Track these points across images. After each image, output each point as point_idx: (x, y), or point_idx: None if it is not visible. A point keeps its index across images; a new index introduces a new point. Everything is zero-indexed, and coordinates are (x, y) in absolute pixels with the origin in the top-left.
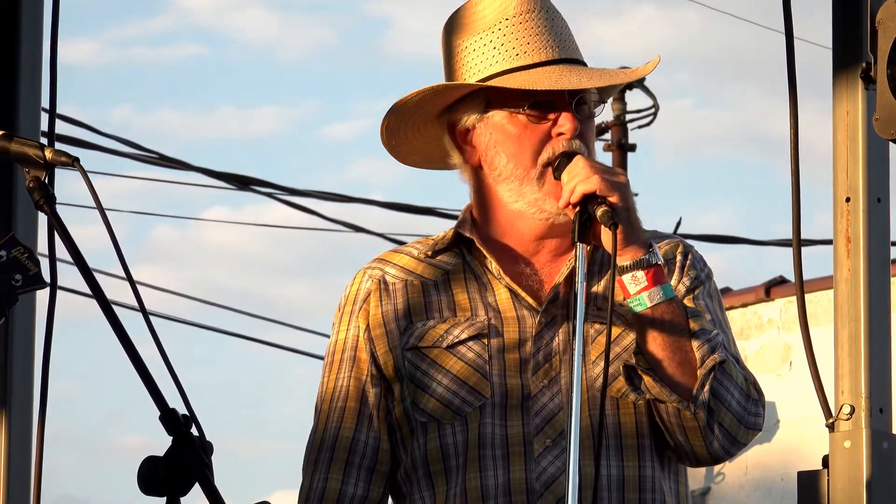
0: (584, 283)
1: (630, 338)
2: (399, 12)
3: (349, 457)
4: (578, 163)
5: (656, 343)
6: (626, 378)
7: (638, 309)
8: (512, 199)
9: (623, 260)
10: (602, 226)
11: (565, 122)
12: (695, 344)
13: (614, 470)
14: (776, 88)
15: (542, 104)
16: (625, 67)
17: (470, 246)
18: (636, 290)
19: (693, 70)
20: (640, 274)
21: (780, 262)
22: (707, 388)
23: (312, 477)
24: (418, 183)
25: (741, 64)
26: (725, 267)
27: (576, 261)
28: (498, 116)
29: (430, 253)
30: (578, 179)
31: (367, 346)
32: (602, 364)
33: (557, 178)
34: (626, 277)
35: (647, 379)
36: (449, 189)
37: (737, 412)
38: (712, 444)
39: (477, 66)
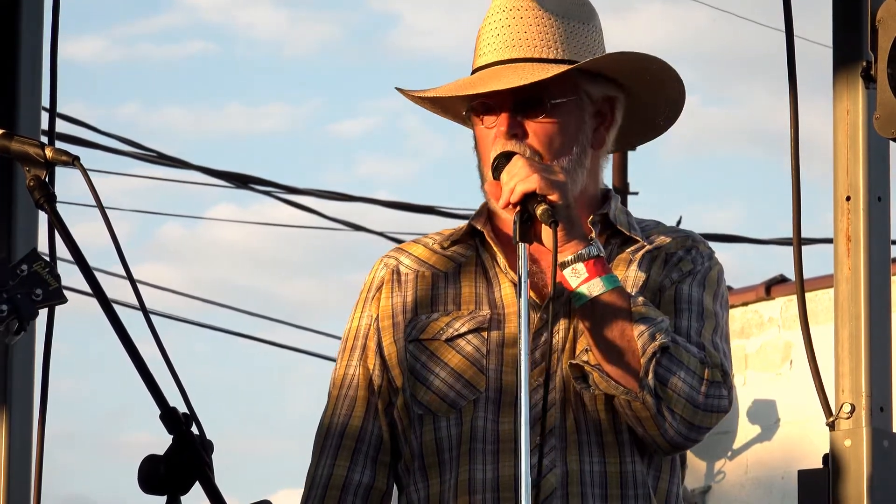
0: (528, 283)
1: None
2: (407, 8)
3: (357, 444)
4: (517, 162)
5: (601, 335)
6: (575, 376)
7: (579, 302)
8: (487, 198)
9: (564, 255)
10: (543, 224)
11: (499, 125)
12: (636, 331)
13: (597, 466)
14: (784, 85)
15: (490, 106)
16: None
17: (484, 239)
18: (577, 283)
19: (700, 67)
20: (581, 266)
21: (780, 261)
22: (651, 374)
23: (318, 462)
24: (426, 181)
25: (749, 61)
26: (726, 265)
27: (518, 260)
28: (472, 117)
29: (445, 244)
30: (518, 179)
31: (375, 336)
32: (584, 357)
33: (496, 178)
34: (568, 272)
35: (594, 375)
36: (454, 188)
37: (689, 396)
38: (667, 431)
39: (473, 61)
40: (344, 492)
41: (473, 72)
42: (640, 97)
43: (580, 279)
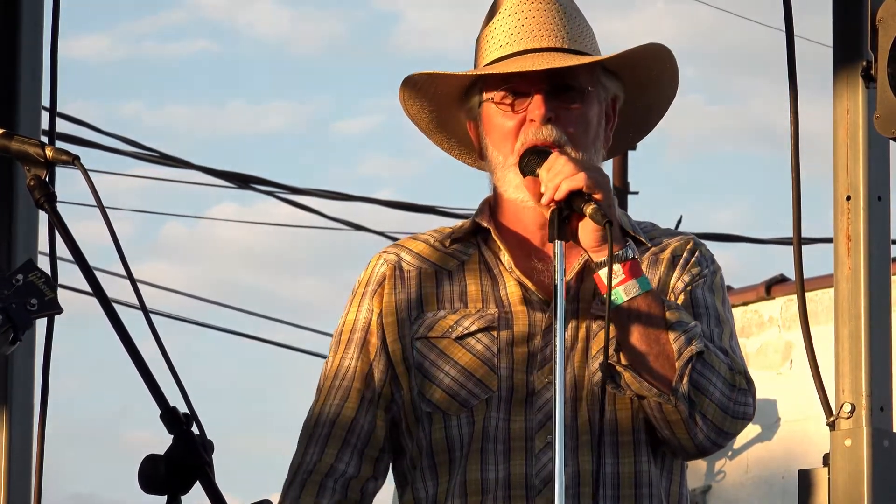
0: (564, 280)
1: None
2: (408, 7)
3: (347, 435)
4: (560, 160)
5: (634, 337)
6: (606, 375)
7: (615, 303)
8: (503, 188)
9: (601, 256)
10: (579, 222)
11: (534, 109)
12: (671, 336)
13: (609, 466)
14: (786, 85)
15: (519, 92)
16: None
17: (486, 237)
18: (613, 285)
19: (703, 65)
20: (617, 267)
21: (780, 261)
22: (686, 379)
23: (307, 450)
24: (429, 179)
25: (751, 60)
26: (726, 265)
27: (554, 258)
28: (485, 107)
29: (446, 242)
30: (563, 176)
31: (378, 331)
32: (601, 359)
33: (527, 174)
34: (604, 272)
35: (626, 375)
36: (455, 188)
37: (720, 402)
38: (697, 435)
39: (480, 56)
40: (326, 477)
41: (500, 59)
42: (633, 102)
43: (616, 280)
